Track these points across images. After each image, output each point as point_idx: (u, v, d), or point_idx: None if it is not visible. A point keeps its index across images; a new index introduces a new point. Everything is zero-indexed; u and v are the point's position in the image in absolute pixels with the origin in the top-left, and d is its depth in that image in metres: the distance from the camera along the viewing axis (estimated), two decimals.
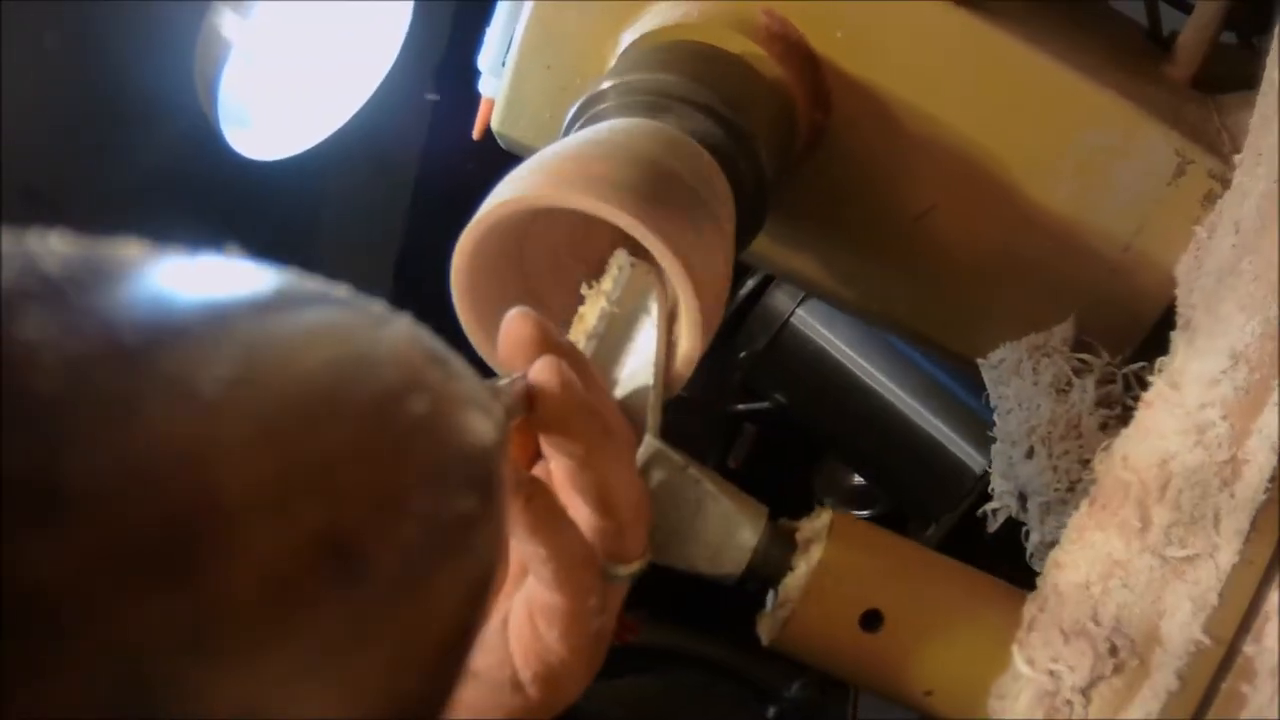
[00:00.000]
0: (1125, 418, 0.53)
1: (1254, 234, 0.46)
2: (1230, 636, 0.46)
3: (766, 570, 0.49)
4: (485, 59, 0.69)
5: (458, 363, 0.26)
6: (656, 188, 0.42)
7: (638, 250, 0.44)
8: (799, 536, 0.50)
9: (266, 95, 0.74)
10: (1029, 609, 0.50)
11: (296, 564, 0.19)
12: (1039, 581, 0.51)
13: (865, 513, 1.05)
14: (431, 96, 1.02)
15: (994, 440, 0.62)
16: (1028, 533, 0.64)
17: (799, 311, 0.95)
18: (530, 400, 0.35)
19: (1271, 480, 0.44)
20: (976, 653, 0.52)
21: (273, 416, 0.19)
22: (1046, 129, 0.60)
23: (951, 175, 0.61)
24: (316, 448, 0.20)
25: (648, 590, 0.43)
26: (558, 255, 0.49)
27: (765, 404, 1.06)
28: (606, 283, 0.44)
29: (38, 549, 0.16)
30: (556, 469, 0.38)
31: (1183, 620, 0.45)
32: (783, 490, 1.01)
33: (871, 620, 0.50)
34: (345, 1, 0.76)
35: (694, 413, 1.07)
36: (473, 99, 0.70)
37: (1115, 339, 0.61)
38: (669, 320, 0.44)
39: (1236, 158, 0.52)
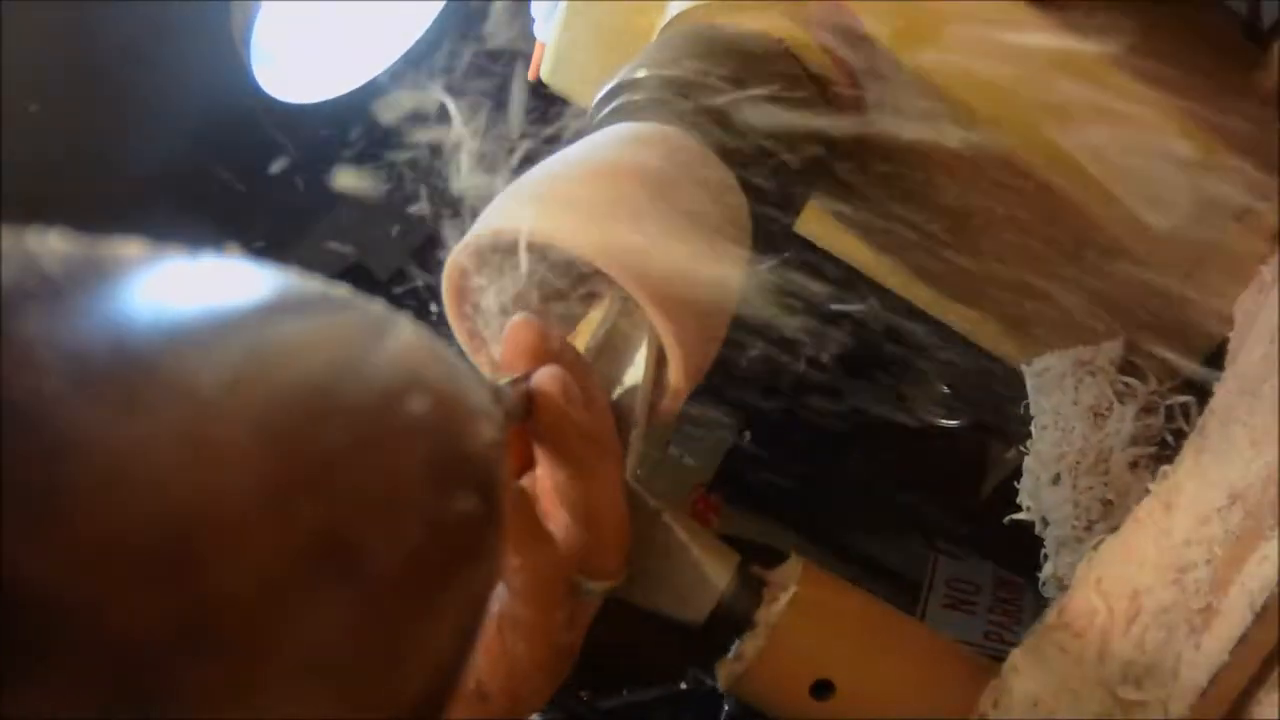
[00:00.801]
0: (1160, 456, 0.51)
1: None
2: None
3: (731, 620, 0.50)
4: (538, 5, 0.68)
5: (458, 362, 0.26)
6: (656, 231, 0.42)
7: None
8: (766, 590, 0.50)
9: (302, 38, 0.73)
10: (986, 699, 0.49)
11: (296, 564, 0.19)
12: (1003, 670, 0.50)
13: (952, 423, 1.05)
14: None
15: None
16: (1046, 556, 0.63)
17: None
18: (530, 405, 0.35)
19: (1242, 640, 0.42)
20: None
21: (272, 416, 0.19)
22: (1112, 143, 0.57)
23: (1011, 178, 0.59)
24: (316, 447, 0.20)
25: None
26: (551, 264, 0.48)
27: (860, 305, 1.06)
28: (597, 313, 0.44)
29: (36, 548, 0.16)
30: (544, 477, 0.38)
31: None
32: (872, 393, 1.00)
33: (822, 689, 0.50)
34: None
35: (789, 309, 1.08)
36: None
37: (1163, 367, 0.59)
38: (657, 361, 0.43)
39: None
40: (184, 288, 0.20)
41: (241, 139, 0.75)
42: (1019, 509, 0.63)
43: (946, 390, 1.07)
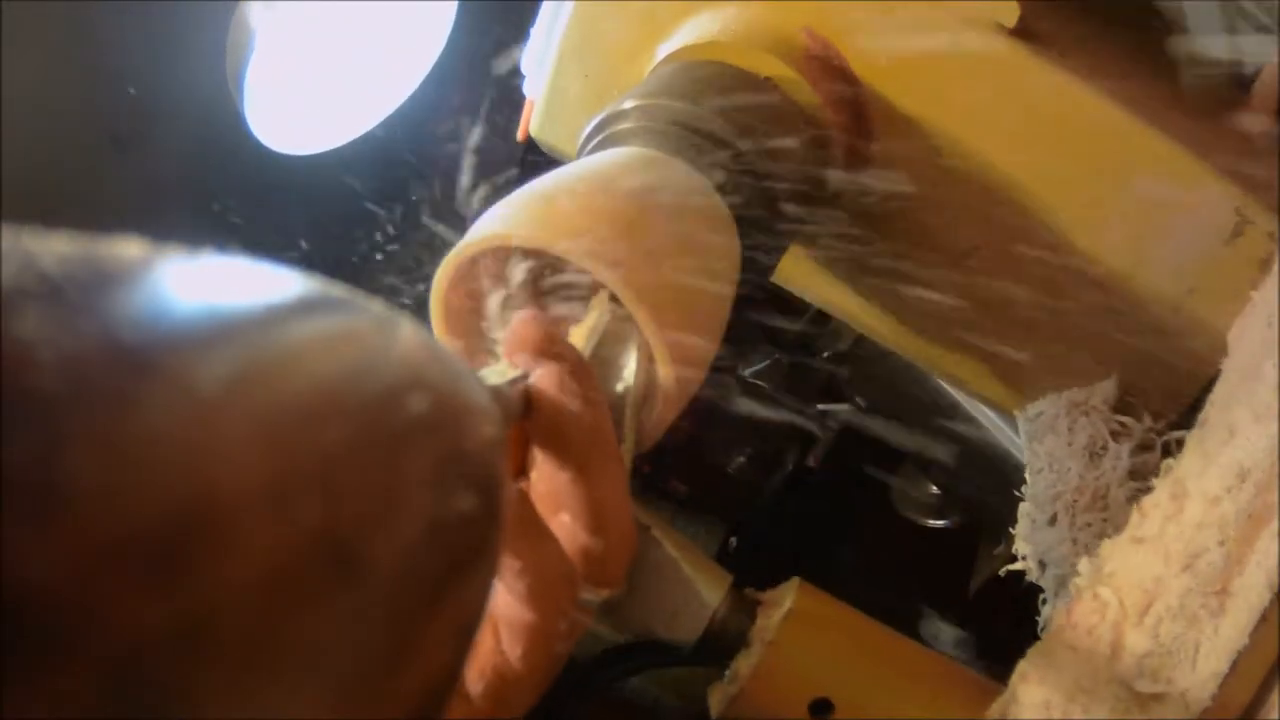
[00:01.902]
0: None
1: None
2: None
3: (723, 641, 0.48)
4: (529, 61, 0.69)
5: (458, 362, 0.26)
6: (647, 245, 0.42)
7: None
8: (760, 609, 0.49)
9: (297, 89, 0.73)
10: (993, 712, 0.48)
11: (295, 563, 0.19)
12: (1011, 681, 0.49)
13: (941, 523, 1.04)
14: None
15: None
16: (1044, 599, 0.62)
17: None
18: (528, 404, 0.35)
19: (1262, 620, 0.41)
20: None
21: (272, 415, 0.19)
22: (1099, 173, 0.58)
23: (998, 215, 0.60)
24: (315, 446, 0.20)
25: None
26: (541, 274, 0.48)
27: (846, 406, 1.06)
28: (588, 321, 0.44)
29: (35, 548, 0.16)
30: (542, 483, 0.38)
31: None
32: (860, 496, 1.01)
33: (821, 708, 0.48)
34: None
35: (775, 406, 1.08)
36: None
37: (1159, 403, 0.59)
38: (646, 374, 0.43)
39: None
40: (184, 287, 0.20)
41: (233, 186, 0.76)
42: (1007, 607, 0.62)
43: (934, 490, 1.07)
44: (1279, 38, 0.65)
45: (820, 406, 1.08)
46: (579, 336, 0.43)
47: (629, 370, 0.43)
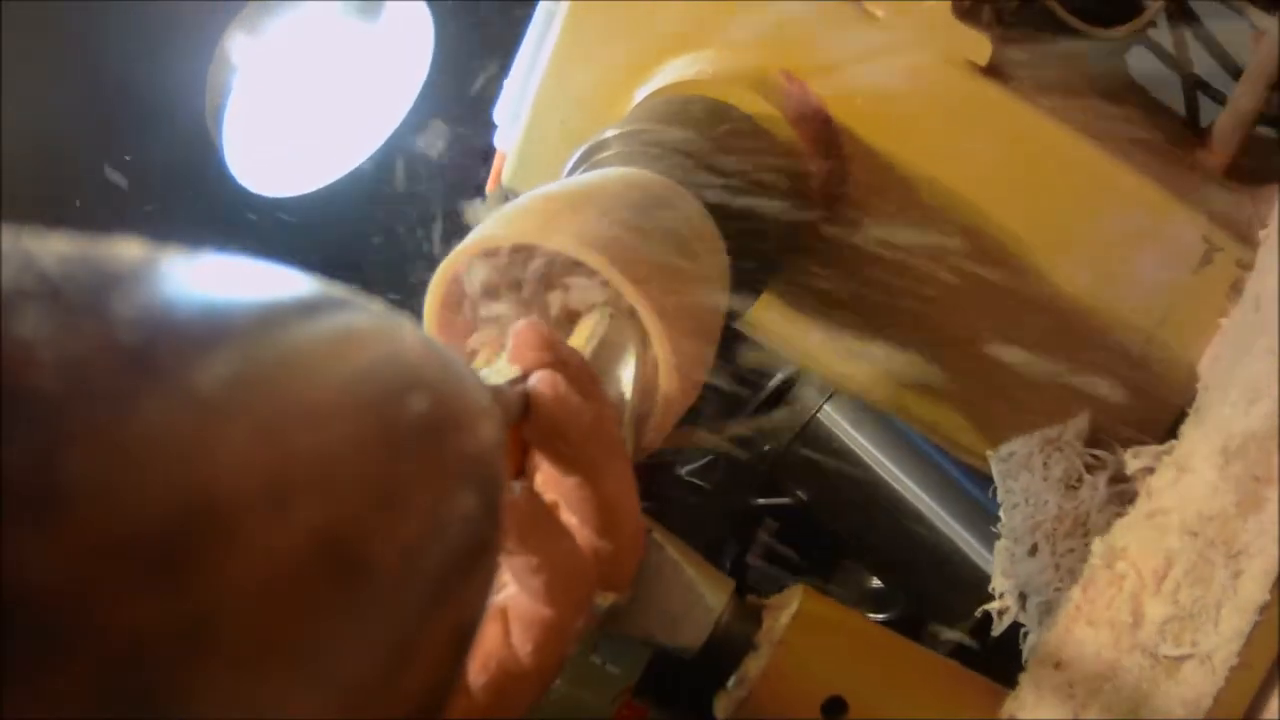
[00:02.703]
0: None
1: (1272, 308, 0.45)
2: None
3: (728, 646, 0.47)
4: (502, 111, 0.69)
5: (458, 362, 0.26)
6: (647, 243, 0.42)
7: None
8: (765, 613, 0.48)
9: (277, 133, 0.74)
10: (1009, 706, 0.48)
11: (296, 563, 0.19)
12: (1021, 678, 0.49)
13: (881, 616, 1.04)
14: None
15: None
16: (1026, 634, 0.62)
17: (826, 408, 0.96)
18: (528, 406, 0.35)
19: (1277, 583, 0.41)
20: None
21: (271, 415, 0.19)
22: (1069, 209, 0.59)
23: (970, 255, 0.61)
24: (316, 446, 0.20)
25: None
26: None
27: (787, 500, 1.05)
28: (584, 330, 0.44)
29: (35, 548, 0.16)
30: (546, 490, 0.37)
31: None
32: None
33: (835, 709, 0.47)
34: (366, 30, 0.76)
35: (714, 504, 1.07)
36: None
37: (1132, 435, 0.60)
38: (645, 381, 0.43)
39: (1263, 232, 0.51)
40: (184, 287, 0.20)
41: (212, 229, 0.76)
42: None
43: (876, 583, 1.07)
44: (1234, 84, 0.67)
45: (760, 501, 1.09)
46: (576, 344, 0.43)
47: (626, 380, 0.43)
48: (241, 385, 0.19)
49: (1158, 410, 0.60)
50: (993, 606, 0.64)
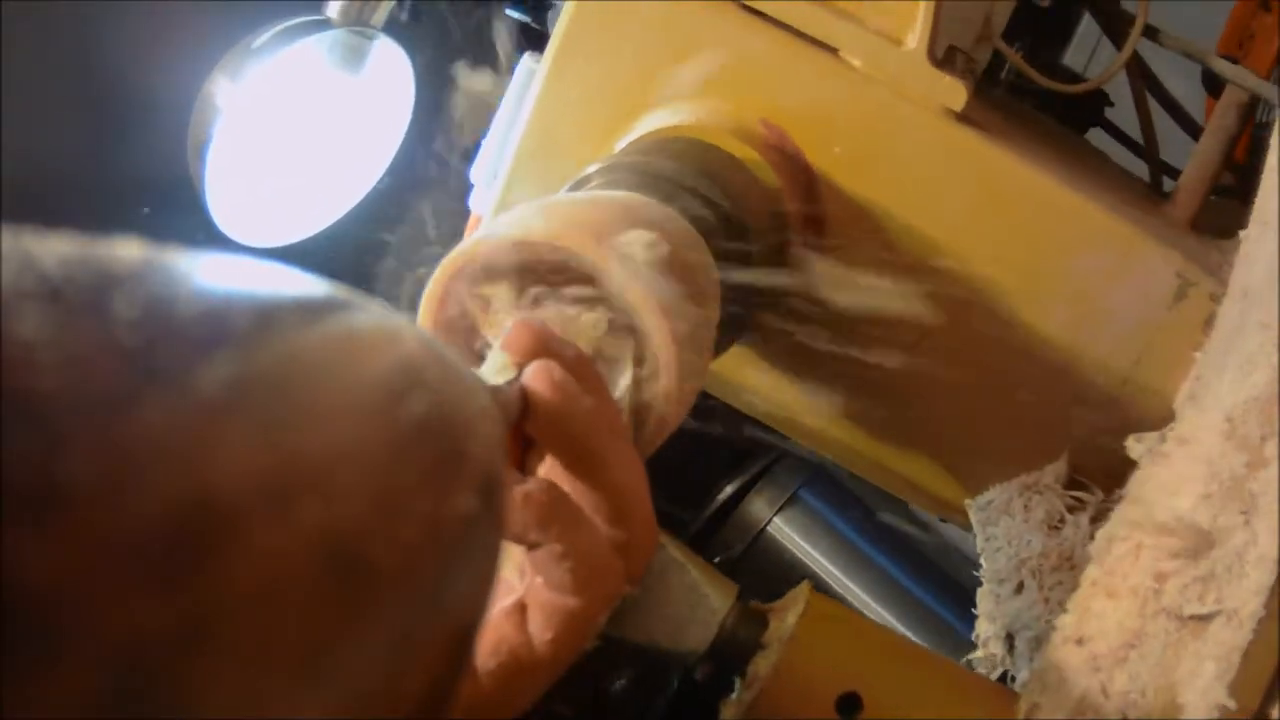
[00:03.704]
0: None
1: (1264, 290, 0.46)
2: (1257, 703, 0.42)
3: (734, 649, 0.46)
4: (479, 171, 0.69)
5: (457, 362, 0.26)
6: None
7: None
8: (771, 615, 0.47)
9: (260, 184, 0.74)
10: (1028, 697, 0.47)
11: (296, 564, 0.19)
12: (1035, 669, 0.48)
13: None
14: None
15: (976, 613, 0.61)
16: (1012, 678, 0.61)
17: (776, 520, 0.96)
18: (526, 402, 0.34)
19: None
20: None
21: (272, 416, 0.20)
22: (1043, 250, 0.60)
23: (945, 300, 0.61)
24: (316, 447, 0.20)
25: None
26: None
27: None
28: (579, 340, 0.43)
29: (35, 548, 0.16)
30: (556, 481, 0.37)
31: (1204, 685, 0.42)
32: None
33: (849, 706, 0.46)
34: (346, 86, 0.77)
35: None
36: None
37: (1111, 477, 0.60)
38: (638, 398, 0.43)
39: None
40: (184, 288, 0.20)
41: None
42: None
43: None
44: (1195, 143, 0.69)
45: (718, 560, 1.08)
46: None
47: (621, 390, 0.42)
48: (242, 386, 0.19)
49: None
50: (977, 656, 0.64)
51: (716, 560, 0.95)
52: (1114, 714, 0.44)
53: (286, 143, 0.75)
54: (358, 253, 0.86)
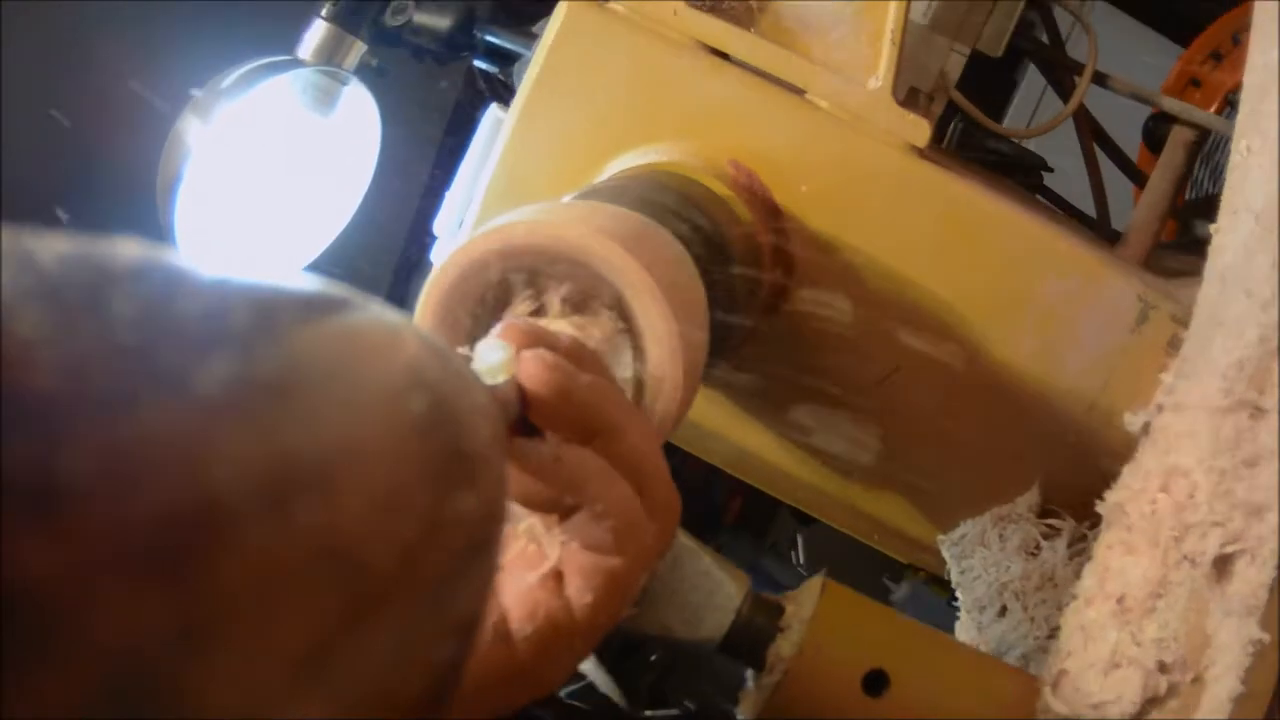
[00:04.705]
0: None
1: (1243, 265, 0.47)
2: None
3: (751, 635, 0.45)
4: (443, 223, 0.70)
5: (457, 361, 0.26)
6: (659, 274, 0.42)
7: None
8: (788, 598, 0.46)
9: (229, 226, 0.74)
10: (1052, 664, 0.47)
11: (295, 564, 0.19)
12: (1055, 639, 0.49)
13: None
14: None
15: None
16: None
17: None
18: (523, 395, 0.34)
19: None
20: (1001, 716, 0.47)
21: (271, 415, 0.20)
22: (1008, 280, 0.61)
23: (914, 335, 0.62)
24: (315, 446, 0.20)
25: None
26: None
27: (675, 712, 1.04)
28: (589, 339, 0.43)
29: (35, 547, 0.16)
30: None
31: (1234, 624, 0.43)
32: None
33: (875, 682, 0.45)
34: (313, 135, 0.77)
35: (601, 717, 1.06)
36: None
37: (1082, 505, 0.60)
38: (636, 392, 0.43)
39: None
40: (183, 288, 0.20)
41: None
42: None
43: None
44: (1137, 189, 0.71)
45: (648, 714, 1.08)
46: None
47: (623, 384, 0.42)
48: (241, 385, 0.19)
49: (1106, 475, 0.60)
50: None
51: (653, 658, 0.94)
52: (1149, 662, 0.44)
53: (256, 183, 0.75)
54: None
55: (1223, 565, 0.44)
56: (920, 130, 0.60)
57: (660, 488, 0.37)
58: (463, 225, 0.68)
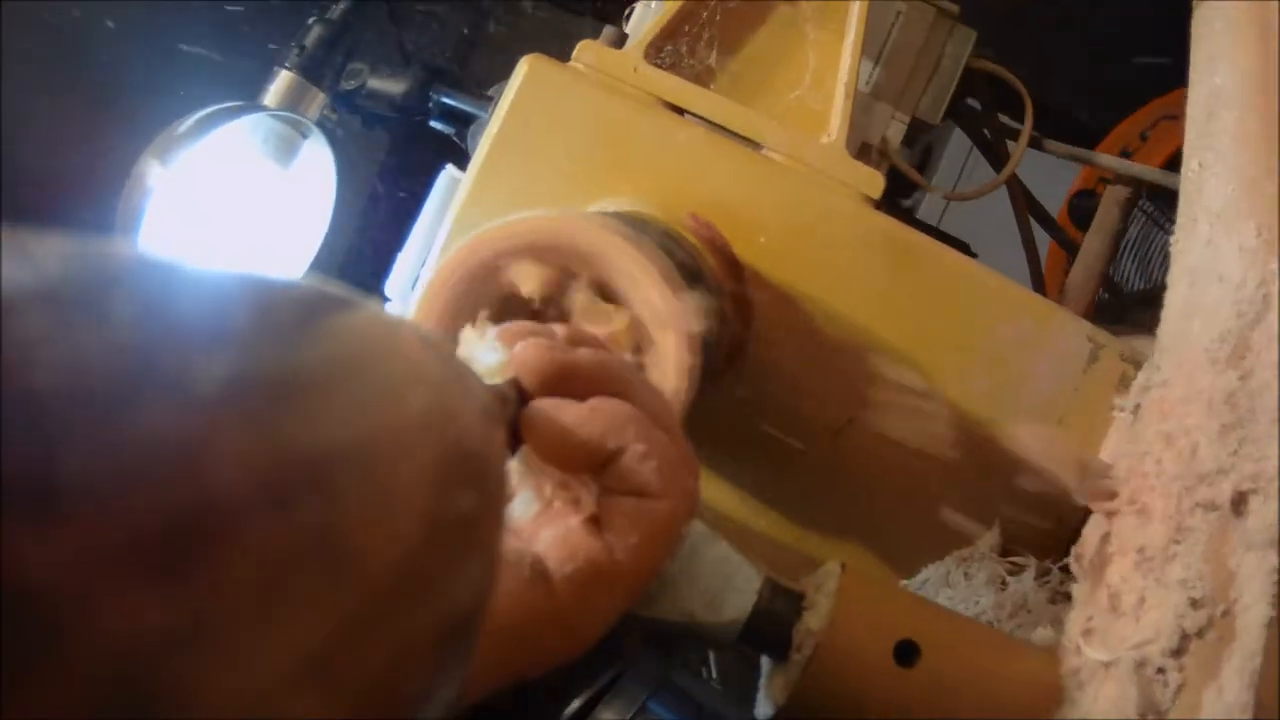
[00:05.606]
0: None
1: (1210, 257, 0.50)
2: None
3: (774, 616, 0.44)
4: (394, 285, 0.70)
5: (457, 360, 0.26)
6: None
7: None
8: (808, 580, 0.46)
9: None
10: (1078, 618, 0.48)
11: (294, 563, 0.19)
12: (1078, 592, 0.49)
13: None
14: None
15: None
16: None
17: (650, 705, 0.94)
18: (522, 394, 0.34)
19: None
20: (1029, 686, 0.46)
21: (271, 414, 0.19)
22: (963, 325, 0.63)
23: (869, 383, 0.63)
24: (314, 445, 0.20)
25: None
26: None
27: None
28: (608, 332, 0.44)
29: (35, 548, 0.16)
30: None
31: (1256, 557, 0.44)
32: None
33: (907, 652, 0.44)
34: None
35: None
36: None
37: (1043, 543, 0.61)
38: None
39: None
40: (182, 288, 0.20)
41: None
42: None
43: None
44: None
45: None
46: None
47: None
48: (241, 385, 0.19)
49: (1064, 514, 0.62)
50: None
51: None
52: (1179, 601, 0.45)
53: (213, 228, 0.74)
54: None
55: (1238, 505, 0.45)
56: (874, 182, 0.61)
57: (682, 442, 0.37)
58: (416, 286, 0.68)
